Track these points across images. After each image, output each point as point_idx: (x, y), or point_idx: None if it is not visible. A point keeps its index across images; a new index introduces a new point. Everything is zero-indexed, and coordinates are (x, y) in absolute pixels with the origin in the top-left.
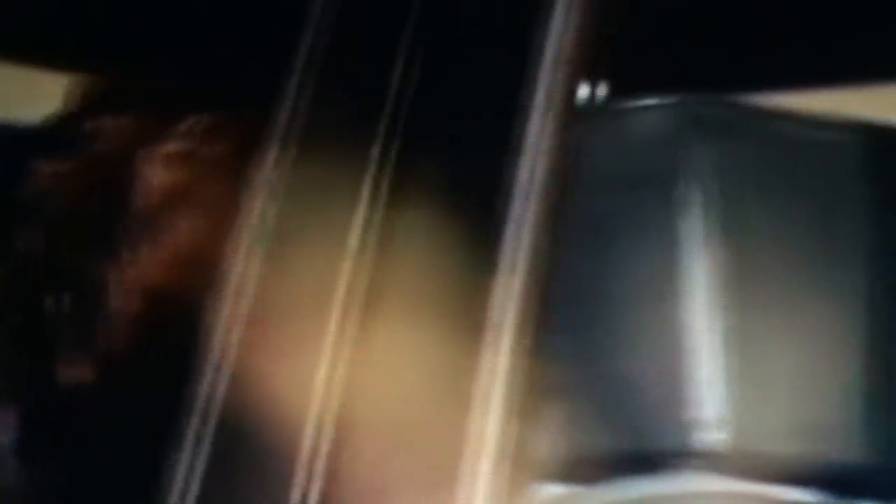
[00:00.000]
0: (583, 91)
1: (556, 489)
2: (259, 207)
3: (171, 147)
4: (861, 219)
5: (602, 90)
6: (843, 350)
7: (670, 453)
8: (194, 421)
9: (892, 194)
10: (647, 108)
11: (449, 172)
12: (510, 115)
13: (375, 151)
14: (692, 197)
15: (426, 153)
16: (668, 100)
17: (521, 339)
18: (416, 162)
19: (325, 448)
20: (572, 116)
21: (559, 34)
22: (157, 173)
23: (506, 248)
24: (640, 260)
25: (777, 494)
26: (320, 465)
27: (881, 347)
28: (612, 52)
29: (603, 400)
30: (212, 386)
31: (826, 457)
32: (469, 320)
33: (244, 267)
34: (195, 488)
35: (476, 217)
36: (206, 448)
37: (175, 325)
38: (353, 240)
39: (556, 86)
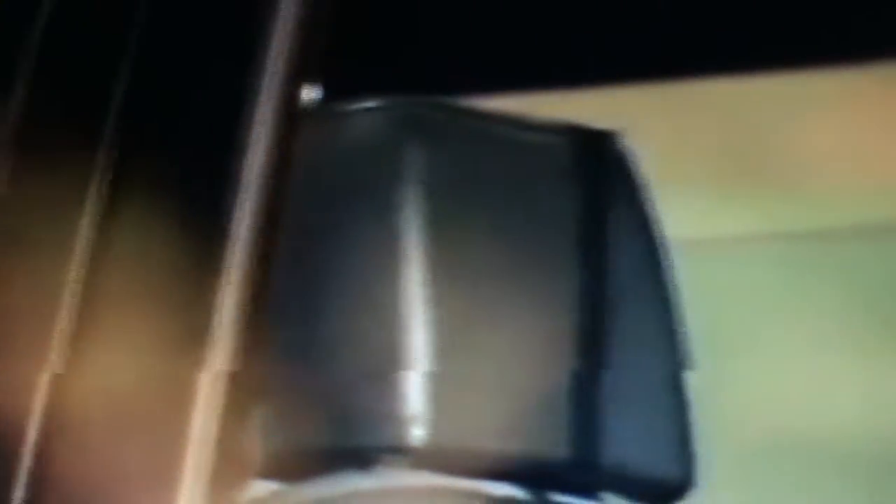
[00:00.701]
0: (304, 93)
1: (267, 486)
2: None
3: None
4: (567, 219)
5: (321, 92)
6: (544, 349)
7: (377, 449)
8: None
9: (596, 195)
10: (363, 110)
11: (173, 174)
12: (233, 117)
13: (99, 155)
14: (405, 198)
15: (150, 156)
16: (384, 102)
17: (241, 338)
18: (141, 165)
19: (47, 447)
20: (293, 118)
21: (281, 37)
22: None
23: (228, 249)
24: (353, 260)
25: (480, 489)
26: (42, 464)
27: (581, 347)
28: (332, 55)
29: (312, 397)
30: None
31: (526, 452)
32: (191, 320)
33: None
34: None
35: (200, 218)
36: None
37: None
38: (77, 243)
39: (278, 88)
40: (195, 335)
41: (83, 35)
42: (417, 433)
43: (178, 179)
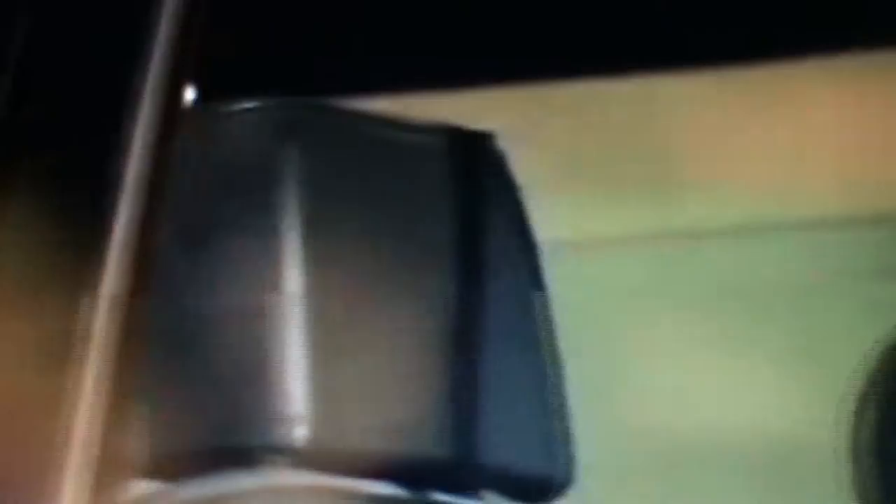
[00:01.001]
0: (187, 93)
1: (146, 486)
2: None
3: None
4: (442, 219)
5: (202, 92)
6: (422, 351)
7: (259, 449)
8: None
9: (470, 195)
10: (242, 110)
11: (55, 173)
12: (115, 116)
13: None
14: (283, 198)
15: (32, 154)
16: (263, 103)
17: (120, 337)
18: (22, 162)
19: None
20: (175, 118)
21: (165, 37)
22: None
23: (108, 249)
24: (233, 261)
25: (358, 488)
26: None
27: (459, 349)
28: (212, 55)
29: (191, 397)
30: None
31: (408, 452)
32: (71, 321)
33: None
34: None
35: (81, 217)
36: None
37: None
38: None
39: (160, 88)
40: (75, 335)
41: None
42: (300, 433)
43: (59, 178)
